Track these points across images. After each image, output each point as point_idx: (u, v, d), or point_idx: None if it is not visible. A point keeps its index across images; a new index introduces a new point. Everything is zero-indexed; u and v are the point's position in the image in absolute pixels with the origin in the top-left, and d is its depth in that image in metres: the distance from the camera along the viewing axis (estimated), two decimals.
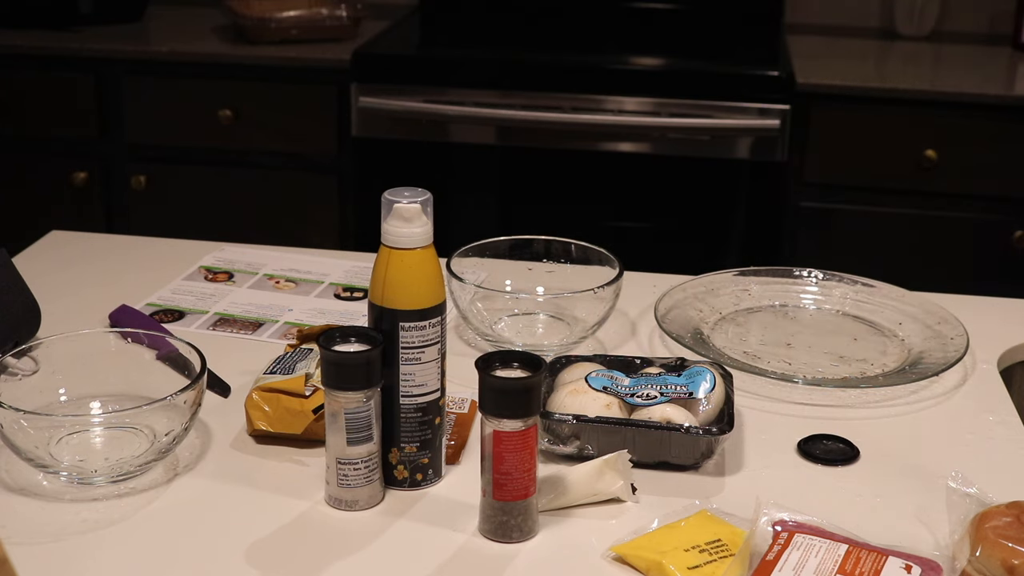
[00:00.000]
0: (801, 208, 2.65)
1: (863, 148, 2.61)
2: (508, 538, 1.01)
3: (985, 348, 1.38)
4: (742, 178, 2.61)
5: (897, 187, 2.61)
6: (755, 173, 2.60)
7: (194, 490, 1.08)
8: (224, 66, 2.80)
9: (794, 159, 2.60)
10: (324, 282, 1.54)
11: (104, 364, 1.18)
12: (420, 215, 1.04)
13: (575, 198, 2.69)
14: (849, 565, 0.94)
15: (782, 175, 2.60)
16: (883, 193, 2.63)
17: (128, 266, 1.59)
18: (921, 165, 2.59)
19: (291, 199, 2.86)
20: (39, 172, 2.94)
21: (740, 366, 1.29)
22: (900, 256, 2.62)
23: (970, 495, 1.01)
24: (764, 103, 2.54)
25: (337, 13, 2.90)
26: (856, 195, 2.64)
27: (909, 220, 2.64)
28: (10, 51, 2.85)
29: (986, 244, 2.63)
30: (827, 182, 2.64)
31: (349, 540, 1.02)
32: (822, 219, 2.65)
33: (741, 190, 2.63)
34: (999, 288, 1.63)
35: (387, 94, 2.67)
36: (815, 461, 1.15)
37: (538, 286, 1.43)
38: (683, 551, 0.97)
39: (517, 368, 1.01)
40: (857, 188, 2.64)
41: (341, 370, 1.02)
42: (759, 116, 2.54)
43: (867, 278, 1.49)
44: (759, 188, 2.62)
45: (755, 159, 2.58)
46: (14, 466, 1.09)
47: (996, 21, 3.02)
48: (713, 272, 1.50)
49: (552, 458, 1.12)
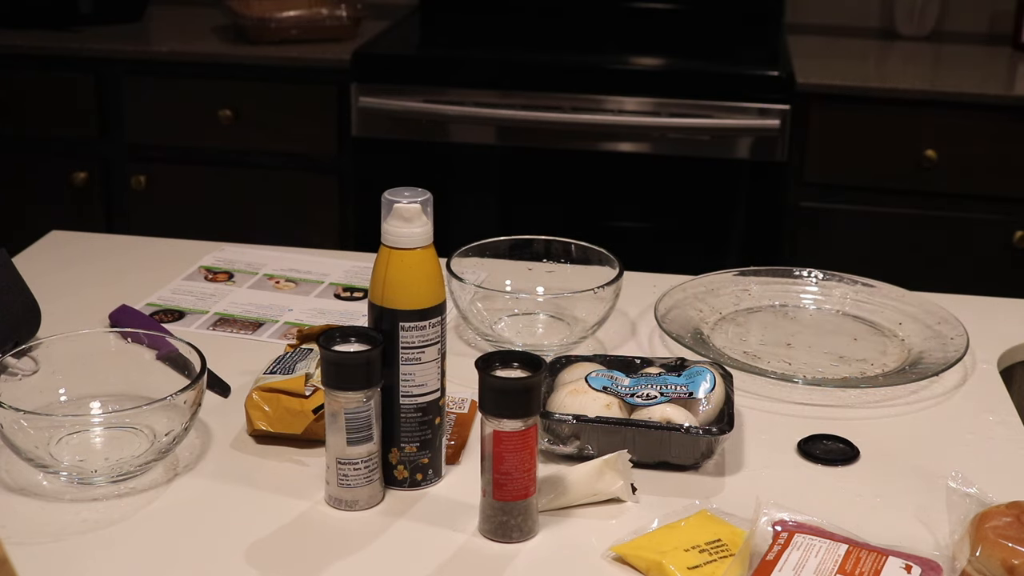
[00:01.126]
0: (801, 208, 2.65)
1: (863, 148, 2.61)
2: (508, 538, 1.01)
3: (985, 348, 1.38)
4: (742, 178, 2.61)
5: (897, 187, 2.61)
6: (755, 173, 2.60)
7: (194, 490, 1.08)
8: (224, 66, 2.80)
9: (794, 159, 2.60)
10: (324, 282, 1.54)
11: (104, 364, 1.18)
12: (420, 215, 1.04)
13: (575, 198, 2.69)
14: (849, 565, 0.94)
15: (782, 175, 2.60)
16: (883, 193, 2.63)
17: (128, 266, 1.59)
18: (921, 165, 2.59)
19: (291, 199, 2.86)
20: (39, 172, 2.94)
21: (740, 366, 1.29)
22: (900, 256, 2.62)
23: (970, 495, 1.01)
24: (764, 103, 2.54)
25: (337, 13, 2.90)
26: (856, 195, 2.64)
27: (909, 220, 2.64)
28: (10, 51, 2.85)
29: (986, 244, 2.63)
30: (827, 182, 2.64)
31: (349, 540, 1.02)
32: (822, 219, 2.65)
33: (741, 190, 2.63)
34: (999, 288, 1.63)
35: (387, 94, 2.67)
36: (815, 461, 1.15)
37: (538, 286, 1.43)
38: (683, 551, 0.97)
39: (517, 368, 1.01)
40: (857, 188, 2.64)
41: (341, 370, 1.02)
42: (759, 116, 2.54)
43: (867, 278, 1.49)
44: (759, 188, 2.62)
45: (755, 159, 2.58)
46: (14, 466, 1.09)
47: (996, 21, 3.02)
48: (713, 272, 1.50)
49: (552, 458, 1.12)
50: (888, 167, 2.60)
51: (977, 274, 2.62)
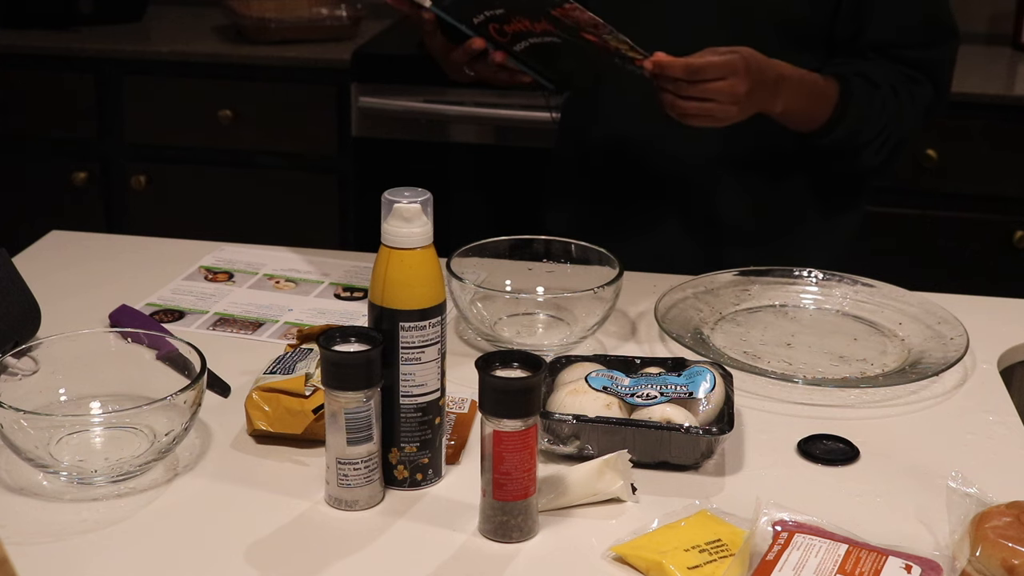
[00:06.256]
0: None
1: None
2: (508, 538, 1.01)
3: (985, 348, 1.38)
4: None
5: (897, 187, 2.61)
6: None
7: (194, 490, 1.08)
8: (224, 66, 2.80)
9: None
10: (324, 282, 1.54)
11: (104, 364, 1.18)
12: (420, 215, 1.04)
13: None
14: (849, 565, 0.94)
15: None
16: (883, 193, 2.62)
17: (128, 266, 1.59)
18: (921, 165, 2.59)
19: (291, 199, 2.86)
20: (39, 172, 2.94)
21: (740, 366, 1.29)
22: (900, 256, 2.62)
23: (970, 495, 1.01)
24: None
25: (337, 13, 2.90)
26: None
27: (909, 220, 2.64)
28: (10, 51, 2.86)
29: (986, 244, 2.63)
30: None
31: (349, 540, 1.02)
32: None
33: None
34: (999, 288, 1.63)
35: (387, 94, 2.67)
36: (815, 461, 1.15)
37: (538, 286, 1.43)
38: (683, 551, 0.97)
39: (517, 368, 1.01)
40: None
41: (341, 370, 1.02)
42: None
43: (867, 278, 1.49)
44: None
45: None
46: (14, 466, 1.09)
47: (996, 21, 3.02)
48: (713, 272, 1.50)
49: (552, 458, 1.12)
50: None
51: (977, 274, 2.62)
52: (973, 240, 2.63)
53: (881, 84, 1.52)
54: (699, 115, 1.37)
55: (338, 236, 2.85)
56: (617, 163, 1.66)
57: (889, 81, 1.53)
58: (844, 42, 1.56)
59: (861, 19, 1.53)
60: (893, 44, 1.55)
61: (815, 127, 1.51)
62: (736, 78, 1.35)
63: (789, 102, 1.45)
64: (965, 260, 2.64)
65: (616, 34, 1.32)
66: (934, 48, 1.57)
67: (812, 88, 1.48)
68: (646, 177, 1.64)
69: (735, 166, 1.60)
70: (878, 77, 1.53)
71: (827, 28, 1.55)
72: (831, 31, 1.55)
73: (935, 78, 1.58)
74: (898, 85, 1.54)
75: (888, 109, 1.53)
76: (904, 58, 1.55)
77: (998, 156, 2.58)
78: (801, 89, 1.46)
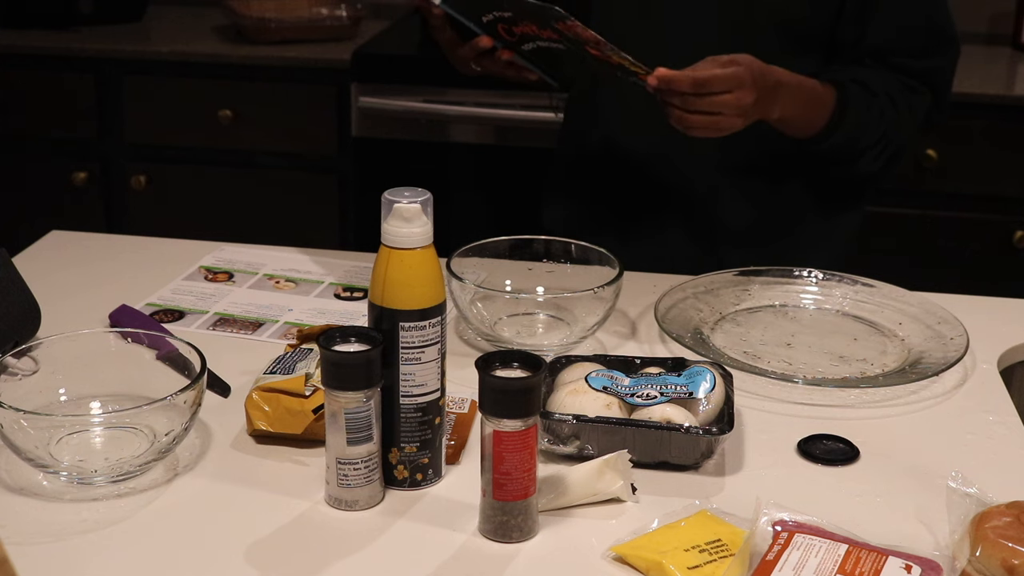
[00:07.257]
0: None
1: None
2: (508, 538, 1.01)
3: (985, 348, 1.38)
4: None
5: (897, 187, 2.61)
6: None
7: (194, 490, 1.08)
8: (224, 66, 2.80)
9: None
10: (324, 282, 1.54)
11: (104, 364, 1.18)
12: (420, 215, 1.04)
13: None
14: (849, 565, 0.94)
15: None
16: (883, 193, 2.62)
17: (128, 266, 1.59)
18: (921, 165, 2.59)
19: (291, 199, 2.86)
20: (39, 172, 2.94)
21: (740, 366, 1.29)
22: (900, 256, 2.62)
23: (970, 495, 1.01)
24: None
25: (337, 13, 2.90)
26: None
27: (909, 220, 2.64)
28: (10, 51, 2.86)
29: (986, 244, 2.63)
30: None
31: (349, 540, 1.02)
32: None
33: None
34: (999, 288, 1.63)
35: (387, 94, 2.67)
36: (815, 461, 1.15)
37: (538, 286, 1.43)
38: (683, 551, 0.97)
39: (517, 368, 1.01)
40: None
41: (341, 370, 1.02)
42: None
43: (867, 278, 1.49)
44: None
45: None
46: (14, 466, 1.09)
47: (996, 21, 3.02)
48: (713, 272, 1.50)
49: (552, 458, 1.12)
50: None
51: (977, 274, 2.62)
52: (973, 240, 2.63)
53: (879, 92, 1.52)
54: (707, 128, 1.37)
55: (338, 236, 2.85)
56: (616, 166, 1.66)
57: (887, 89, 1.53)
58: (845, 46, 1.56)
59: (864, 22, 1.52)
60: (894, 51, 1.55)
61: (812, 133, 1.51)
62: (743, 90, 1.35)
63: (786, 108, 1.44)
64: (965, 260, 2.64)
65: (618, 52, 1.33)
66: (934, 57, 1.57)
67: (810, 94, 1.48)
68: (646, 180, 1.64)
69: (735, 170, 1.60)
70: (876, 85, 1.53)
71: (828, 30, 1.55)
72: (832, 34, 1.55)
73: (935, 87, 1.58)
74: (896, 94, 1.54)
75: (886, 117, 1.53)
76: (904, 67, 1.55)
77: (998, 156, 2.58)
78: (799, 95, 1.46)
